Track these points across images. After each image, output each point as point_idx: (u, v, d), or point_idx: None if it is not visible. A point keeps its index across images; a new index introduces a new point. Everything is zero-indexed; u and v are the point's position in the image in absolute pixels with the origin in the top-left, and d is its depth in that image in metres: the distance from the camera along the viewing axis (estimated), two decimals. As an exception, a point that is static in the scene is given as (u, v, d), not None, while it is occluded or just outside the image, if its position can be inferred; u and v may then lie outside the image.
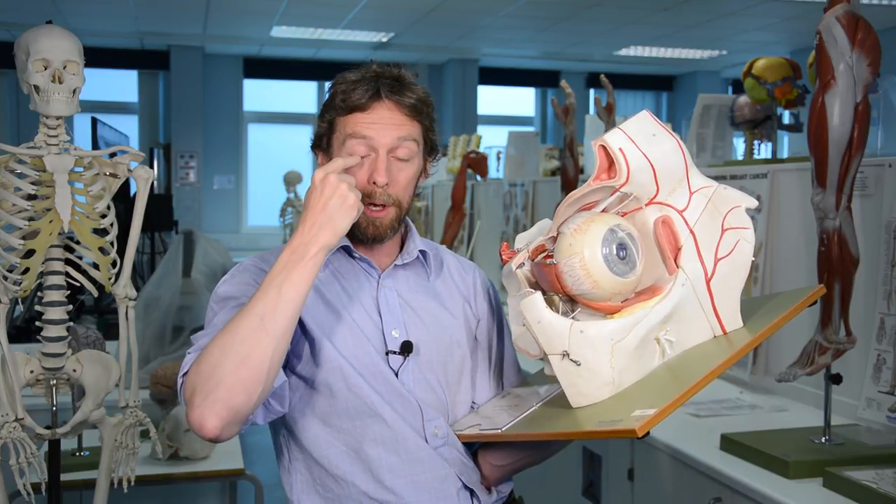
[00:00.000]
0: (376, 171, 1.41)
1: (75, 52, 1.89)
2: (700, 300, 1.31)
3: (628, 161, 1.25)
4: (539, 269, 1.29)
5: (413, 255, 1.53)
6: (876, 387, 2.06)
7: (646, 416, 1.10)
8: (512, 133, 5.36)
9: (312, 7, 8.11)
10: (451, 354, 1.50)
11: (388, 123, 1.42)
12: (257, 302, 1.21)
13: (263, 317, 1.19)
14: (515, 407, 1.41)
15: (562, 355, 1.23)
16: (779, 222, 2.50)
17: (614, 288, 1.24)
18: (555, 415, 1.30)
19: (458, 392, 1.50)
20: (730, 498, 1.87)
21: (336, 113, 1.44)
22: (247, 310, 1.21)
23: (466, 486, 1.44)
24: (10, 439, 1.87)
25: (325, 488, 1.42)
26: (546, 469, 2.95)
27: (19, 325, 4.38)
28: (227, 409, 1.18)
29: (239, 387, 1.18)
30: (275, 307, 1.20)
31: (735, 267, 1.33)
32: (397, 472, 1.40)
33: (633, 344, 1.24)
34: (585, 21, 8.59)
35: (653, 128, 1.29)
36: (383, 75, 1.44)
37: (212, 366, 1.18)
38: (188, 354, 1.28)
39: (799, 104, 2.72)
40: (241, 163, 10.76)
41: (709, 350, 1.30)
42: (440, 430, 1.43)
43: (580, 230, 1.23)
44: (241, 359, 1.18)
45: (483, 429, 1.38)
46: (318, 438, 1.42)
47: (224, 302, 1.39)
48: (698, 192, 1.33)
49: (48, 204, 1.89)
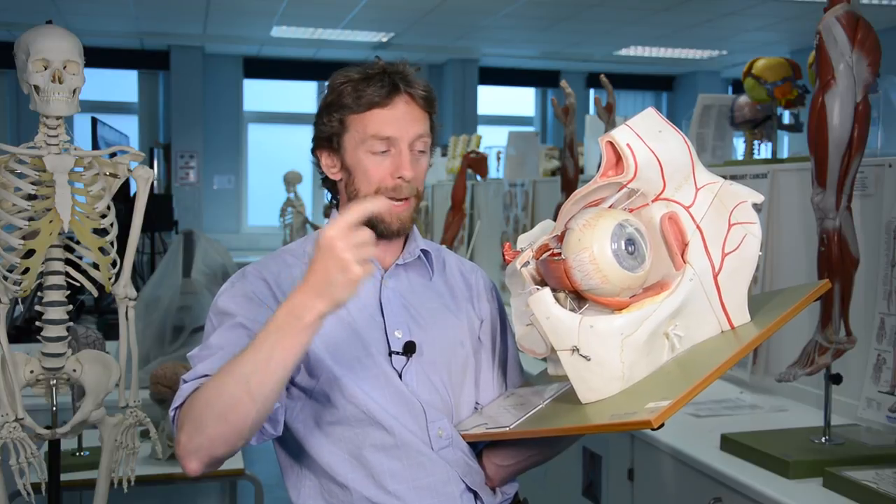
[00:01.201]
0: (402, 166, 1.42)
1: (75, 52, 1.89)
2: (708, 295, 1.32)
3: (636, 157, 1.25)
4: (546, 266, 1.29)
5: (415, 254, 1.53)
6: (876, 387, 2.06)
7: (660, 408, 1.11)
8: (512, 133, 5.35)
9: (312, 7, 8.10)
10: (455, 355, 1.49)
11: (409, 119, 1.44)
12: (246, 361, 1.18)
13: (249, 380, 1.17)
14: (521, 406, 1.41)
15: (571, 350, 1.23)
16: (779, 222, 2.50)
17: (623, 283, 1.24)
18: (563, 411, 1.30)
19: (461, 393, 1.50)
20: (730, 498, 1.87)
21: (349, 111, 1.43)
22: (236, 366, 1.19)
23: (470, 488, 1.44)
24: (10, 439, 1.87)
25: (331, 495, 1.42)
26: (546, 469, 2.94)
27: (19, 325, 4.38)
28: (209, 457, 1.23)
29: (220, 440, 1.21)
30: (264, 370, 1.17)
31: (743, 262, 1.33)
32: (399, 478, 1.39)
33: (642, 338, 1.24)
34: (585, 21, 8.59)
35: (659, 125, 1.29)
36: (393, 70, 1.44)
37: (197, 414, 1.22)
38: (184, 383, 1.30)
39: (799, 104, 2.72)
40: (241, 163, 10.76)
41: (717, 345, 1.30)
42: (444, 431, 1.43)
43: (589, 225, 1.23)
44: (223, 416, 1.20)
45: (489, 428, 1.38)
46: (322, 447, 1.41)
47: (221, 317, 1.39)
48: (704, 188, 1.34)
49: (48, 204, 1.89)
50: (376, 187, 1.44)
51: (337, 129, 1.45)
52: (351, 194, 1.48)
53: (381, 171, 1.43)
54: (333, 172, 1.50)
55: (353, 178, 1.46)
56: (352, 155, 1.45)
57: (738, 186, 1.36)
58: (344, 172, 1.48)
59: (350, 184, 1.47)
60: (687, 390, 1.14)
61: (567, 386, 1.36)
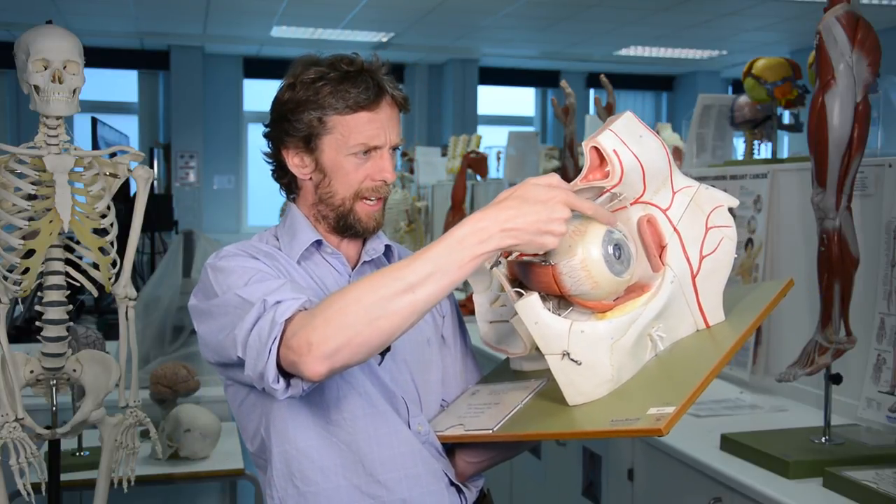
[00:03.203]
0: (385, 169, 1.42)
1: (75, 52, 1.89)
2: (686, 296, 1.34)
3: (622, 162, 1.26)
4: (529, 270, 1.29)
5: (380, 250, 1.52)
6: (876, 387, 2.06)
7: (666, 415, 1.12)
8: (512, 133, 5.35)
9: (312, 7, 8.11)
10: (423, 353, 1.49)
11: (393, 123, 1.43)
12: (412, 271, 1.12)
13: (416, 289, 1.12)
14: (496, 406, 1.40)
15: (562, 355, 1.23)
16: (779, 222, 2.50)
17: (612, 287, 1.25)
18: (550, 413, 1.30)
19: (430, 391, 1.49)
20: (730, 498, 1.87)
21: (332, 111, 1.39)
22: (398, 272, 1.13)
23: (453, 481, 1.44)
24: (10, 439, 1.87)
25: (305, 482, 1.37)
26: (546, 469, 2.95)
27: (19, 325, 4.38)
28: (343, 362, 1.14)
29: (364, 345, 1.13)
30: (436, 280, 1.12)
31: (719, 264, 1.36)
32: (389, 466, 1.37)
33: (630, 342, 1.26)
34: (585, 21, 8.60)
35: (639, 129, 1.30)
36: (372, 70, 1.41)
37: (341, 316, 1.12)
38: (281, 303, 1.20)
39: (799, 104, 2.72)
40: (241, 163, 10.77)
41: (696, 343, 1.33)
42: (423, 427, 1.43)
43: (579, 232, 1.24)
44: (375, 320, 1.12)
45: (469, 429, 1.37)
46: (307, 429, 1.37)
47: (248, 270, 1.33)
48: (681, 192, 1.36)
49: (48, 204, 1.89)
50: (356, 190, 1.43)
51: (316, 128, 1.41)
52: (324, 196, 1.44)
53: (362, 173, 1.42)
54: (304, 172, 1.45)
55: (329, 180, 1.43)
56: (331, 157, 1.42)
57: (714, 190, 1.39)
58: (318, 173, 1.44)
59: (324, 185, 1.44)
60: (688, 395, 1.15)
61: (542, 384, 1.37)
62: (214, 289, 1.34)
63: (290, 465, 1.38)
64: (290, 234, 1.48)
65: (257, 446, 1.45)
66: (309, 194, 1.48)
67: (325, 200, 1.45)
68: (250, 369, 1.21)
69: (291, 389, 1.21)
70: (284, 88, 1.43)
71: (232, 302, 1.28)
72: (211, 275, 1.37)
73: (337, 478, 1.37)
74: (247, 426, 1.45)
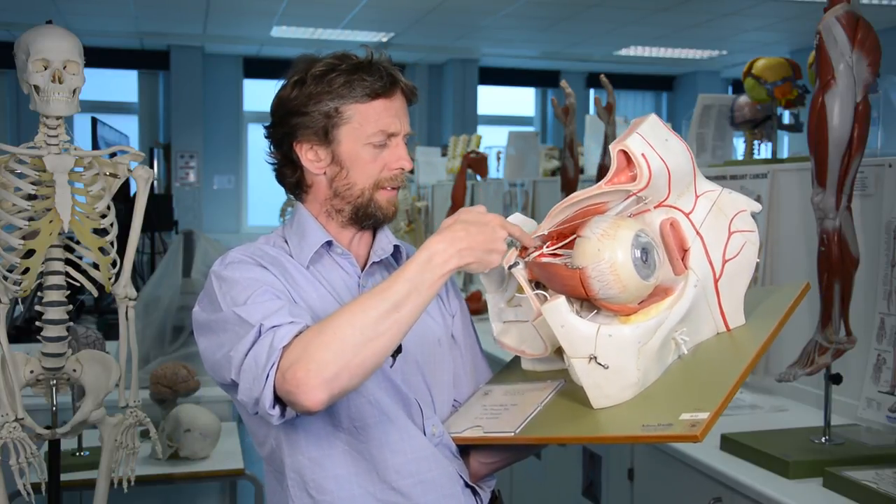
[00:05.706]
0: (402, 157, 1.43)
1: (75, 52, 1.89)
2: (708, 299, 1.35)
3: (651, 167, 1.26)
4: (553, 272, 1.28)
5: (388, 250, 1.50)
6: (876, 387, 2.06)
7: (701, 421, 1.13)
8: (512, 133, 5.35)
9: (312, 7, 8.11)
10: (434, 354, 1.48)
11: (405, 111, 1.44)
12: (393, 293, 1.19)
13: (399, 307, 1.18)
14: (513, 407, 1.39)
15: (588, 359, 1.23)
16: (779, 222, 2.50)
17: (639, 291, 1.25)
18: (569, 415, 1.29)
19: (442, 392, 1.48)
20: (730, 498, 1.87)
21: (350, 100, 1.38)
22: (381, 294, 1.19)
23: (468, 483, 1.43)
24: (10, 439, 1.87)
25: (320, 491, 1.36)
26: (546, 469, 2.95)
27: (19, 325, 4.38)
28: (340, 389, 1.17)
29: (359, 369, 1.17)
30: (414, 299, 1.20)
31: (742, 268, 1.37)
32: (404, 472, 1.37)
33: (656, 345, 1.26)
34: (585, 21, 8.60)
35: (664, 133, 1.31)
36: (381, 62, 1.42)
37: (331, 343, 1.16)
38: (278, 327, 1.21)
39: (799, 104, 2.72)
40: (241, 163, 10.77)
41: (718, 346, 1.34)
42: (437, 428, 1.42)
43: (608, 235, 1.23)
44: (365, 343, 1.16)
45: (489, 431, 1.36)
46: (320, 439, 1.37)
47: (249, 282, 1.32)
48: (703, 196, 1.37)
49: (48, 204, 1.89)
50: (376, 180, 1.42)
51: (333, 119, 1.39)
52: (341, 188, 1.42)
53: (380, 163, 1.41)
54: (319, 167, 1.43)
55: (346, 172, 1.41)
56: (348, 147, 1.40)
57: (737, 195, 1.40)
58: (334, 166, 1.42)
59: (341, 178, 1.42)
60: (721, 400, 1.16)
61: (560, 385, 1.36)
62: (218, 300, 1.33)
63: (304, 474, 1.38)
64: (298, 236, 1.46)
65: (267, 452, 1.45)
66: (321, 190, 1.45)
67: (342, 193, 1.43)
68: (244, 394, 1.22)
69: (287, 415, 1.22)
70: (290, 86, 1.42)
71: (231, 319, 1.28)
72: (216, 284, 1.36)
73: (351, 486, 1.37)
74: (256, 432, 1.45)
